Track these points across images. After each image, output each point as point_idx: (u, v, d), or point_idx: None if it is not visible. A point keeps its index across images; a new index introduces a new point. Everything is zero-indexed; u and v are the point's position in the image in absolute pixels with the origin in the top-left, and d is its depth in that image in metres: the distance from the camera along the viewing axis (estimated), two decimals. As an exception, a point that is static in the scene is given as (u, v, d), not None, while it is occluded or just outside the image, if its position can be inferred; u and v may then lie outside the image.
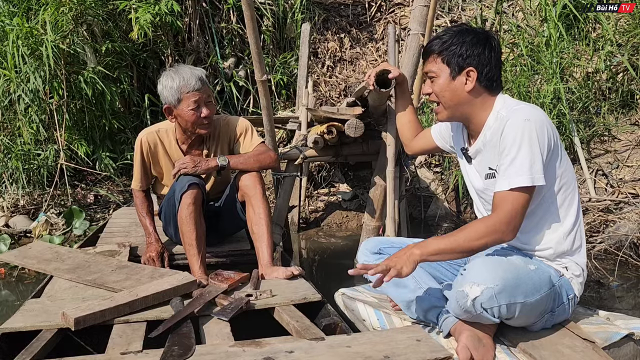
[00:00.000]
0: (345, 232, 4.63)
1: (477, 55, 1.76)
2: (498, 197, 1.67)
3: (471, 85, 1.78)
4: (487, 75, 1.78)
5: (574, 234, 1.80)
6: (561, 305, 1.77)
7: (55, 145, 4.77)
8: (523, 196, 1.64)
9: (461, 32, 1.80)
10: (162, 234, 2.76)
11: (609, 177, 4.16)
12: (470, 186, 1.99)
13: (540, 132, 1.67)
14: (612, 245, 3.65)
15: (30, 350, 1.59)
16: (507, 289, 1.59)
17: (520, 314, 1.65)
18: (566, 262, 1.81)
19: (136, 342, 1.63)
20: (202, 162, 2.44)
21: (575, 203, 1.81)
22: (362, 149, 3.70)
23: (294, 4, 5.95)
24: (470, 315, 1.65)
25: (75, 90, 4.79)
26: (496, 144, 1.75)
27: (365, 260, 2.11)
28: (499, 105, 1.80)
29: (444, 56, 1.79)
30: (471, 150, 1.90)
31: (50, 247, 2.65)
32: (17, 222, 4.42)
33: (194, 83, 2.41)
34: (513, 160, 1.65)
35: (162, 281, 2.00)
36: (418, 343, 1.51)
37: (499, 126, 1.74)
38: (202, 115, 2.45)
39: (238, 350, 1.48)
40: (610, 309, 2.84)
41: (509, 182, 1.64)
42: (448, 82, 1.80)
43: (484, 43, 1.77)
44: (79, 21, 4.87)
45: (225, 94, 5.82)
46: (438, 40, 1.82)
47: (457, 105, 1.82)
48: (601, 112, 4.46)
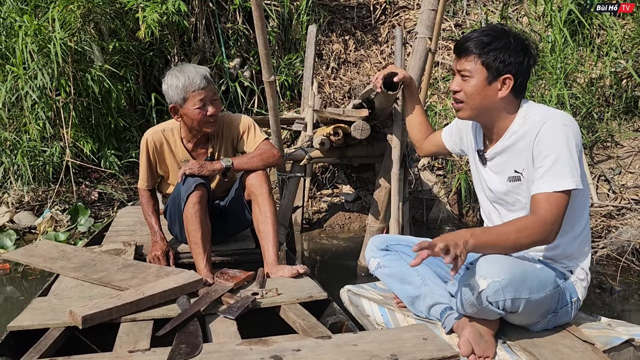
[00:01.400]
0: (348, 233, 4.65)
1: (518, 64, 1.73)
2: (540, 198, 1.66)
3: (505, 92, 1.75)
4: (521, 84, 1.76)
5: (582, 238, 1.82)
6: (564, 307, 1.79)
7: (61, 142, 4.79)
8: (565, 199, 1.65)
9: (504, 36, 1.74)
10: (167, 233, 2.78)
11: (612, 183, 4.17)
12: (482, 189, 1.98)
13: (576, 137, 1.69)
14: (614, 251, 3.66)
15: (39, 348, 1.61)
16: (513, 283, 1.60)
17: (524, 309, 1.66)
18: (571, 265, 1.83)
19: (143, 340, 1.64)
20: (207, 165, 2.46)
21: (586, 208, 1.83)
22: (367, 151, 3.72)
23: (300, 6, 5.97)
24: (475, 309, 1.66)
25: (82, 87, 4.82)
26: (527, 147, 1.73)
27: (373, 256, 2.12)
28: (524, 110, 1.78)
29: (485, 59, 1.74)
30: (488, 152, 1.89)
31: (56, 246, 2.67)
32: (21, 218, 4.45)
33: (199, 82, 2.43)
34: (554, 163, 1.65)
35: (168, 280, 2.02)
36: (425, 342, 1.52)
37: (529, 130, 1.73)
38: (208, 114, 2.47)
39: (245, 348, 1.50)
40: (612, 314, 2.86)
41: (552, 185, 1.64)
42: (483, 86, 1.76)
43: (525, 51, 1.74)
44: (87, 19, 4.90)
45: (230, 94, 5.84)
46: (478, 40, 1.75)
47: (484, 109, 1.80)
48: (604, 118, 4.47)
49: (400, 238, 2.17)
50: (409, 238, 2.19)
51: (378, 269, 2.11)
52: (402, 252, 2.09)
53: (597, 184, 4.22)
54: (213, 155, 2.68)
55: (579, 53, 4.69)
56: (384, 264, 2.09)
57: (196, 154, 2.67)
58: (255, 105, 5.87)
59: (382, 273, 2.10)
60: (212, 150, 2.67)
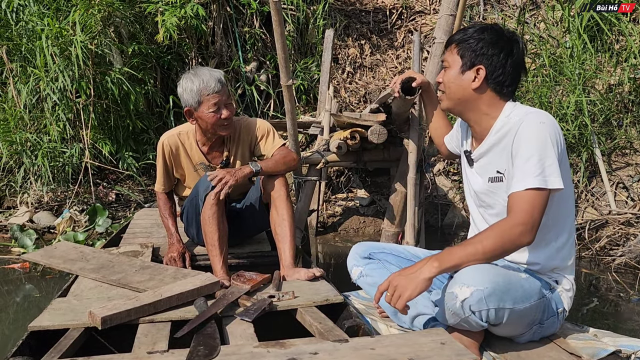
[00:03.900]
0: (362, 237, 4.65)
1: (491, 56, 1.73)
2: (513, 197, 1.63)
3: (478, 83, 1.75)
4: (497, 78, 1.75)
5: (566, 249, 1.77)
6: (550, 318, 1.75)
7: (80, 143, 4.87)
8: (539, 196, 1.60)
9: (485, 29, 1.77)
10: (183, 235, 2.80)
11: (630, 190, 4.12)
12: (469, 192, 1.95)
13: (555, 136, 1.65)
14: (632, 259, 3.62)
15: (59, 348, 1.62)
16: (497, 292, 1.56)
17: (508, 320, 1.62)
18: (556, 276, 1.79)
19: (161, 341, 1.65)
20: (237, 172, 2.43)
21: (571, 218, 1.78)
22: (383, 156, 3.72)
23: (316, 10, 6.00)
24: (458, 318, 1.62)
25: (102, 90, 4.89)
26: (507, 147, 1.71)
27: (355, 264, 2.11)
28: (508, 110, 1.76)
29: (460, 48, 1.77)
30: (474, 153, 1.87)
31: (75, 247, 2.70)
32: (41, 217, 4.52)
33: (213, 85, 2.43)
34: (528, 161, 1.62)
35: (186, 282, 2.03)
36: (442, 346, 1.51)
37: (510, 130, 1.71)
38: (223, 117, 2.48)
39: (262, 351, 1.50)
40: (630, 323, 2.83)
41: (525, 183, 1.61)
42: (457, 75, 1.78)
43: (502, 46, 1.74)
44: (107, 23, 4.97)
45: (247, 97, 5.88)
46: (462, 32, 1.80)
47: (461, 100, 1.80)
48: (623, 125, 4.42)
49: (383, 246, 2.14)
50: (393, 246, 2.16)
51: (360, 277, 2.09)
52: (385, 260, 2.07)
53: (616, 192, 4.17)
54: (229, 159, 2.70)
55: (598, 59, 4.64)
56: (366, 273, 2.07)
57: (211, 157, 2.69)
58: (272, 109, 5.90)
59: (365, 282, 2.08)
60: (227, 153, 2.69)
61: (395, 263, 2.05)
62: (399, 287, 1.60)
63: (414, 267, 1.63)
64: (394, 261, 2.06)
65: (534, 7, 5.87)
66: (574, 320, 2.20)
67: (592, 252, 3.87)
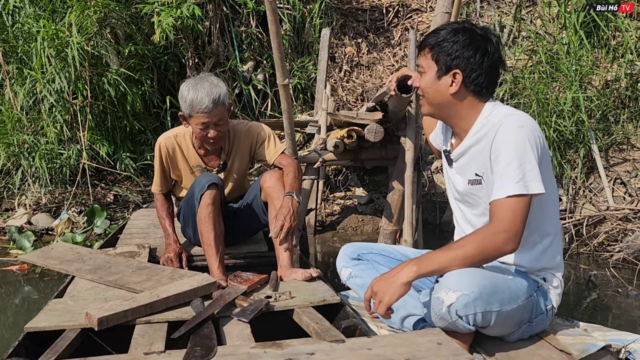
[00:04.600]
0: (361, 236, 4.65)
1: (467, 58, 1.69)
2: (495, 205, 1.60)
3: (456, 88, 1.71)
4: (475, 80, 1.71)
5: (552, 249, 1.77)
6: (539, 316, 1.75)
7: (77, 145, 4.86)
8: (521, 203, 1.57)
9: (458, 30, 1.71)
10: (180, 236, 2.80)
11: (628, 186, 4.13)
12: (451, 190, 1.94)
13: (535, 140, 1.62)
14: (630, 255, 3.63)
15: (55, 349, 1.62)
16: (483, 296, 1.55)
17: (496, 322, 1.62)
18: (544, 274, 1.78)
19: (158, 342, 1.65)
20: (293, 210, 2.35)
21: (555, 218, 1.78)
22: (380, 154, 3.72)
23: (313, 9, 5.99)
24: (446, 322, 1.62)
25: (99, 91, 4.89)
26: (485, 150, 1.69)
27: (344, 266, 2.10)
28: (487, 111, 1.73)
29: (434, 53, 1.72)
30: (453, 153, 1.85)
31: (72, 248, 2.69)
32: (39, 219, 4.52)
33: (205, 105, 2.38)
34: (507, 167, 1.59)
35: (182, 282, 2.03)
36: (439, 346, 1.51)
37: (488, 132, 1.68)
38: (209, 136, 2.48)
39: (259, 351, 1.50)
40: (628, 318, 2.83)
41: (505, 190, 1.58)
42: (434, 81, 1.74)
43: (477, 46, 1.69)
44: (103, 24, 4.97)
45: (244, 97, 5.87)
46: (433, 34, 1.74)
47: (440, 105, 1.77)
48: (620, 121, 4.42)
49: (372, 246, 2.13)
50: (381, 246, 2.15)
51: (350, 279, 2.08)
52: (374, 261, 2.06)
53: (613, 187, 4.17)
54: (226, 163, 2.70)
55: (594, 55, 4.64)
56: (355, 274, 2.06)
57: (208, 159, 2.69)
58: (269, 109, 5.90)
59: (354, 283, 2.07)
60: (225, 157, 2.69)
61: (384, 263, 2.04)
62: (379, 293, 1.61)
63: (393, 271, 1.63)
64: (382, 261, 2.05)
65: (530, 3, 5.86)
66: (571, 315, 2.21)
67: (590, 248, 3.87)
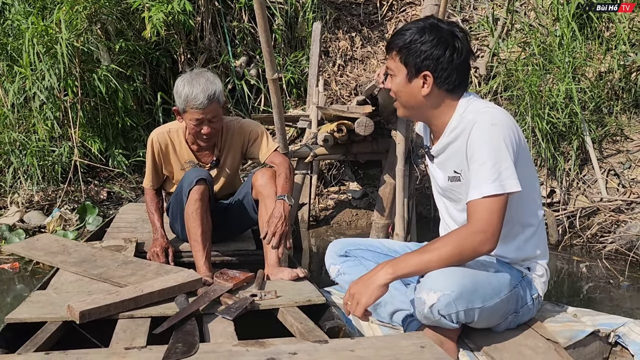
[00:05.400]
0: (355, 230, 4.64)
1: (436, 58, 1.64)
2: (471, 205, 1.59)
3: (427, 90, 1.68)
4: (446, 79, 1.67)
5: (535, 239, 1.76)
6: (525, 306, 1.75)
7: (69, 142, 4.84)
8: (497, 202, 1.56)
9: (424, 29, 1.66)
10: (169, 231, 2.78)
11: (621, 177, 4.12)
12: (435, 185, 1.93)
13: (510, 136, 1.60)
14: (623, 246, 3.63)
15: (35, 341, 1.60)
16: (464, 294, 1.55)
17: (480, 317, 1.62)
18: (528, 263, 1.78)
19: (140, 337, 1.64)
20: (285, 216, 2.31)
21: (536, 208, 1.76)
22: (371, 147, 3.71)
23: (305, 3, 5.96)
24: (430, 321, 1.63)
25: (89, 88, 4.86)
26: (461, 148, 1.67)
27: (332, 263, 2.09)
28: (461, 107, 1.71)
29: (402, 55, 1.68)
30: (433, 149, 1.83)
31: (57, 240, 2.67)
32: (31, 217, 4.49)
33: (199, 102, 2.37)
34: (482, 167, 1.58)
35: (168, 278, 2.01)
36: (422, 350, 1.50)
37: (464, 129, 1.66)
38: (202, 132, 2.46)
39: (242, 349, 1.49)
40: (621, 309, 2.83)
41: (480, 190, 1.56)
42: (405, 84, 1.70)
43: (446, 44, 1.64)
44: (93, 20, 4.94)
45: (237, 92, 5.85)
46: (400, 35, 1.69)
47: (414, 107, 1.75)
48: (614, 112, 4.41)
49: (359, 242, 2.12)
50: (369, 241, 2.14)
51: (339, 275, 2.07)
52: (361, 257, 2.05)
53: (607, 179, 4.16)
54: (219, 159, 2.68)
55: (588, 47, 4.62)
56: (343, 271, 2.05)
57: (201, 155, 2.68)
58: (262, 104, 5.87)
59: (343, 280, 2.06)
60: (218, 154, 2.67)
61: (371, 259, 2.03)
62: (356, 295, 1.60)
63: (371, 273, 1.62)
64: (370, 257, 2.03)
65: (524, -5, 5.84)
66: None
67: (583, 240, 3.86)
